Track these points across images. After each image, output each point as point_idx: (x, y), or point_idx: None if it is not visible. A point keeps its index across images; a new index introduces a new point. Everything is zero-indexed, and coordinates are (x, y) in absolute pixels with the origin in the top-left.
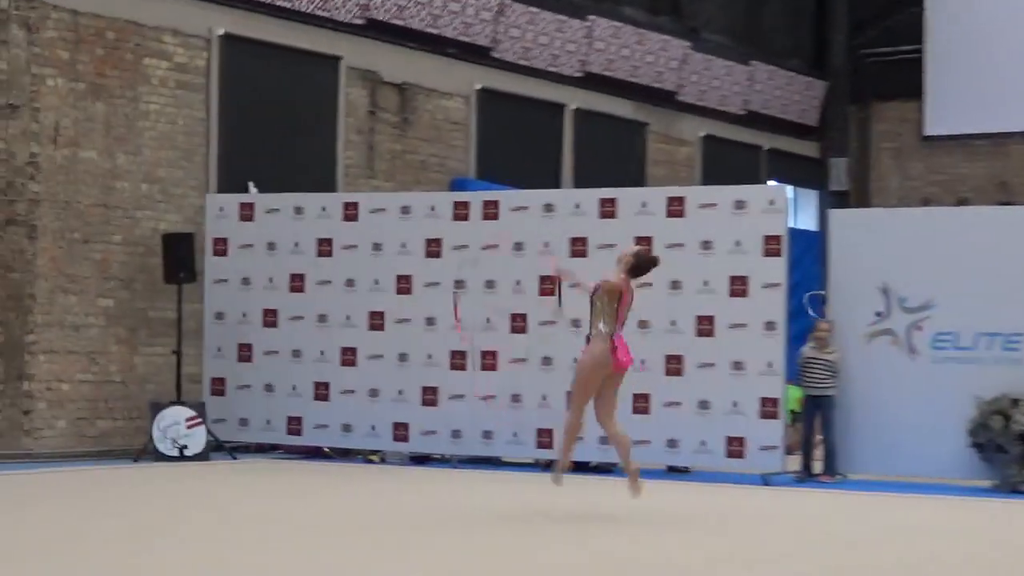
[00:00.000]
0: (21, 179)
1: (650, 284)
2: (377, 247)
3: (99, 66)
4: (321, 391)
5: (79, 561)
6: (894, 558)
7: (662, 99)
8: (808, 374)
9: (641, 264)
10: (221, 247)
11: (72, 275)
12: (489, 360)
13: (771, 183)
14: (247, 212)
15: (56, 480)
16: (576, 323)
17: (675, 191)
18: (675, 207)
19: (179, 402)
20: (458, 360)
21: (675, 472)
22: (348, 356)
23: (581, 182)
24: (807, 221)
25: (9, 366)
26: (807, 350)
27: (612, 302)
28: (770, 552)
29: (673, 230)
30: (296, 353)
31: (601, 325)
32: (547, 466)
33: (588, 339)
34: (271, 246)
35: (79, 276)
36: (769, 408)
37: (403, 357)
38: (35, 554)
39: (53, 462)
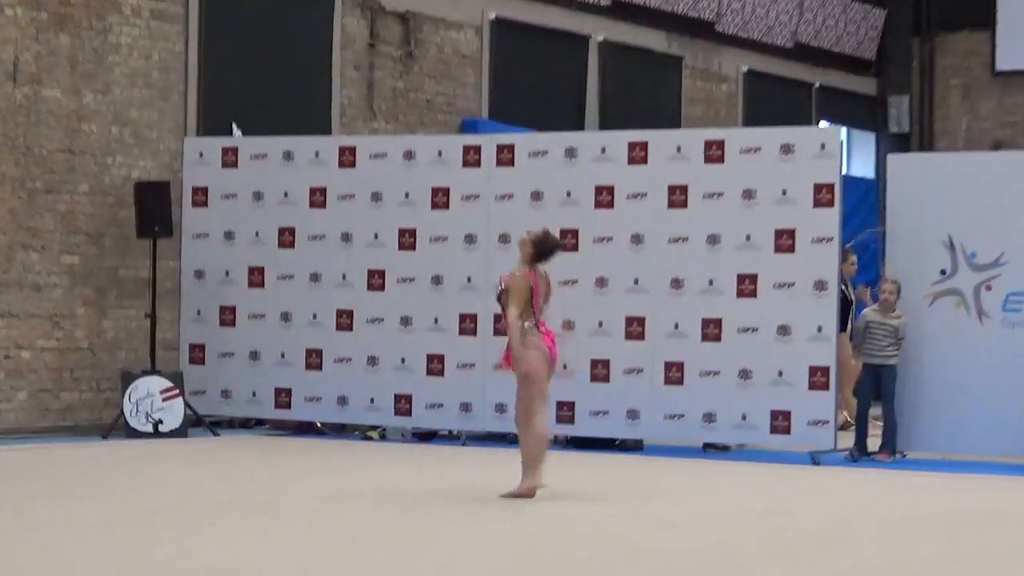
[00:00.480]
0: None
1: (686, 239)
2: (377, 197)
3: None
4: (313, 359)
5: (39, 553)
6: (958, 547)
7: (699, 30)
8: (869, 340)
9: (543, 250)
10: (201, 197)
11: (33, 229)
12: (501, 325)
13: (822, 124)
14: (230, 158)
15: (14, 459)
16: (603, 281)
17: (714, 134)
18: (714, 152)
19: (153, 372)
20: (468, 324)
21: (713, 450)
22: (344, 320)
23: (608, 124)
24: (863, 167)
25: None
26: (869, 313)
27: (522, 301)
28: (818, 540)
29: (711, 178)
30: (285, 316)
31: (527, 324)
32: (569, 443)
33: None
34: (257, 196)
35: (41, 230)
36: (819, 378)
37: (406, 321)
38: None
39: (12, 438)
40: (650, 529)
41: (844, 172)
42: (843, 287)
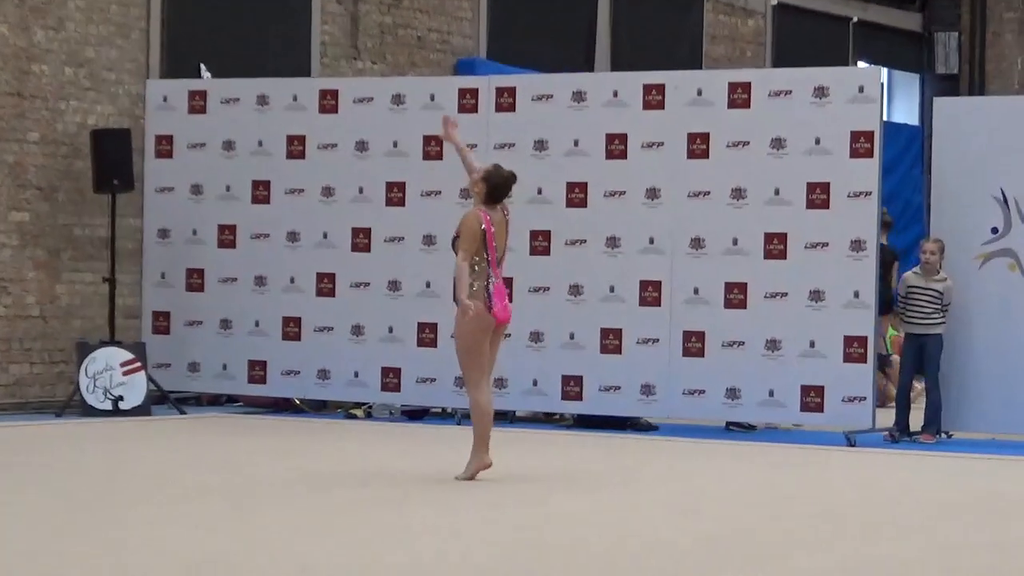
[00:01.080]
0: None
1: (707, 193)
2: (362, 146)
3: None
4: (291, 328)
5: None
6: (1002, 535)
7: None
8: (910, 307)
9: (496, 187)
10: (165, 147)
11: None
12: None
13: (861, 64)
14: (198, 102)
15: None
16: (614, 241)
17: (739, 75)
18: (739, 95)
19: (113, 342)
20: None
21: (738, 429)
22: (325, 284)
23: (620, 64)
24: (907, 113)
25: None
26: (910, 276)
27: (474, 245)
28: (850, 527)
29: (736, 124)
30: (260, 280)
31: (472, 282)
32: (576, 422)
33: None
34: (228, 145)
35: None
36: (856, 349)
37: (394, 285)
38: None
39: None
40: (665, 516)
41: (885, 118)
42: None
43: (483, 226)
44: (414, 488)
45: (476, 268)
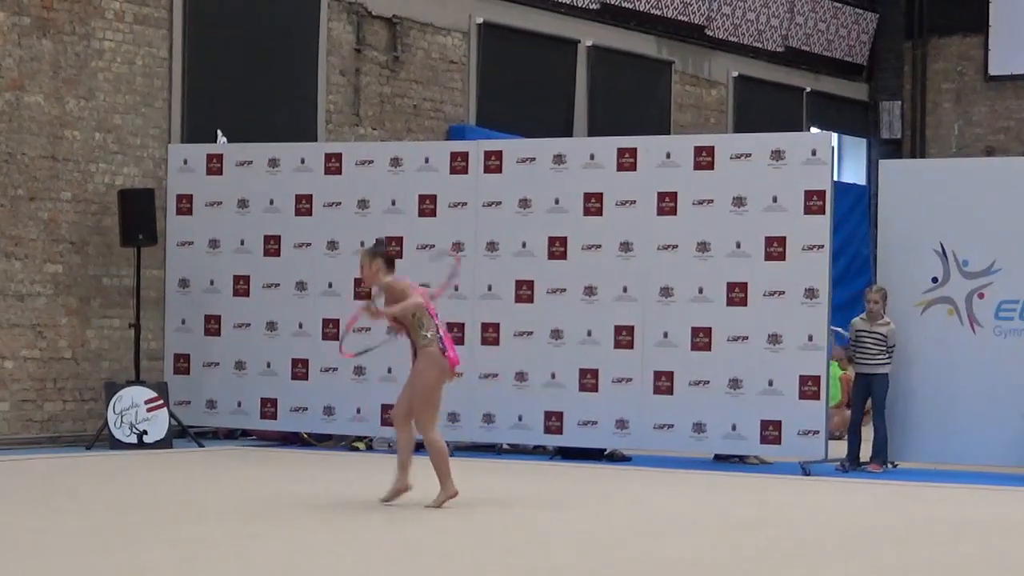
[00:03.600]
0: None
1: (676, 246)
2: (363, 204)
3: None
4: (299, 369)
5: (13, 566)
6: (948, 556)
7: (689, 34)
8: (858, 349)
9: (390, 257)
10: (185, 205)
11: (16, 237)
12: (491, 333)
13: (814, 130)
14: (215, 165)
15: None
16: (591, 290)
17: (704, 139)
18: (704, 158)
19: (138, 382)
20: (456, 333)
21: (728, 461)
22: (330, 329)
23: (596, 130)
24: (854, 174)
25: None
26: (857, 322)
27: (422, 307)
28: (805, 550)
29: (701, 184)
30: (271, 326)
31: (426, 332)
32: (557, 453)
33: (415, 354)
34: (242, 203)
35: (24, 238)
36: (810, 387)
37: (392, 331)
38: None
39: None
40: (633, 538)
41: (835, 178)
42: None
43: (420, 293)
44: (410, 513)
45: (426, 328)
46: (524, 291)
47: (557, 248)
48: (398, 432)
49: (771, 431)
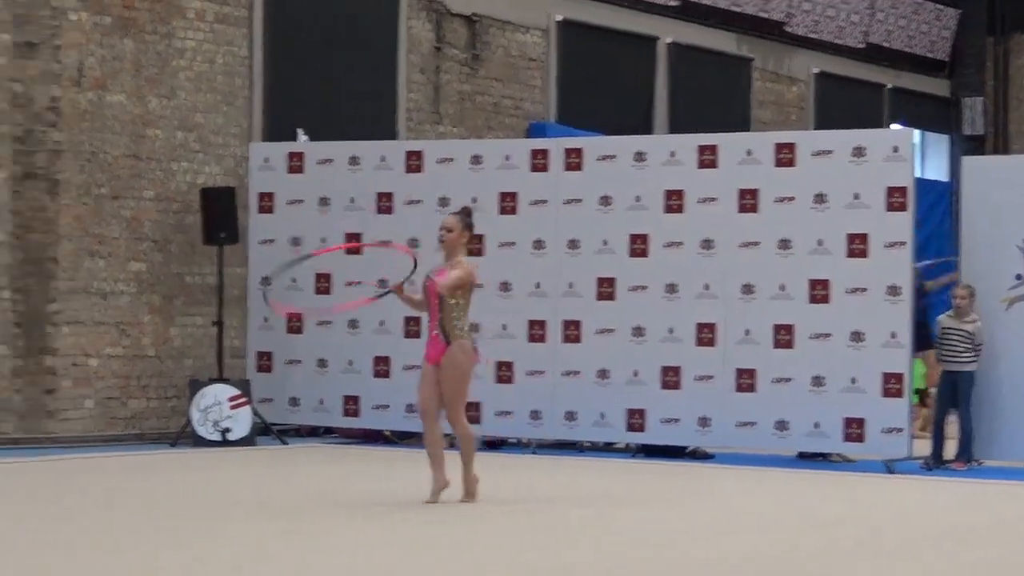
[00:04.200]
0: (41, 127)
1: (757, 243)
2: (444, 202)
3: None
4: (381, 367)
5: (101, 561)
6: None
7: (769, 31)
8: (944, 346)
9: (472, 224)
10: (267, 203)
11: (99, 236)
12: (572, 331)
13: (895, 127)
14: (296, 163)
15: (81, 467)
16: (673, 287)
17: (784, 136)
18: (784, 155)
19: (221, 379)
20: (537, 331)
21: (812, 459)
22: (412, 327)
23: (677, 127)
24: (936, 170)
25: (30, 339)
26: (944, 319)
27: (468, 294)
28: (885, 549)
29: (782, 181)
30: (353, 324)
31: (462, 323)
32: (639, 451)
33: (440, 339)
34: (323, 201)
35: (107, 237)
36: (893, 385)
37: (473, 328)
38: (55, 554)
39: (79, 447)
40: (714, 535)
41: (917, 175)
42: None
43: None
44: (491, 510)
45: (461, 318)
46: (605, 288)
47: (638, 245)
48: (431, 427)
49: (854, 429)
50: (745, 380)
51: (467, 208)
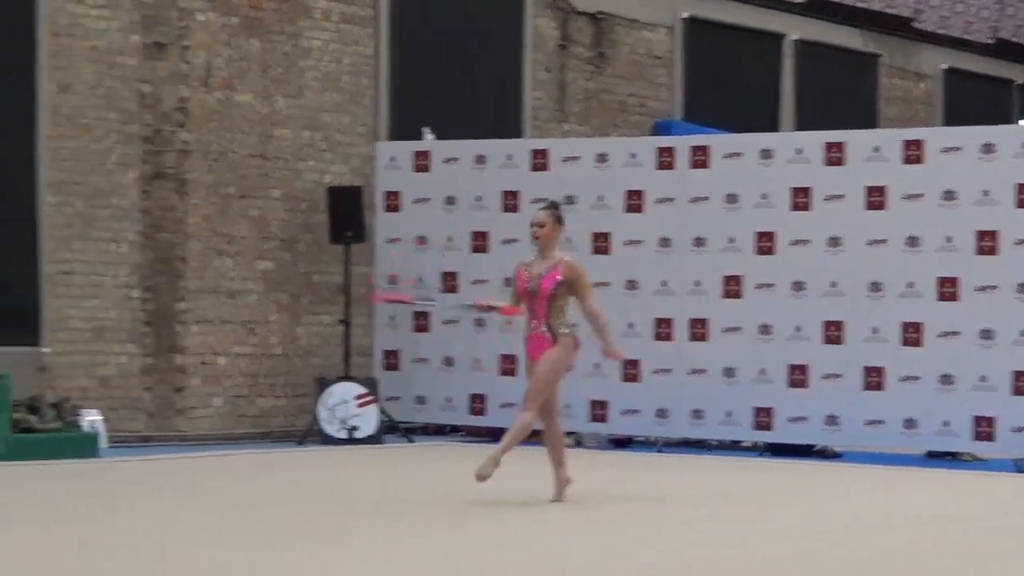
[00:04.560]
0: (169, 127)
1: (885, 241)
2: (569, 200)
3: None
4: (507, 365)
5: (228, 555)
6: None
7: (897, 27)
8: None
9: (562, 218)
10: (393, 202)
11: (227, 235)
12: (699, 329)
13: None
14: (422, 162)
15: (209, 465)
16: (800, 285)
17: (912, 133)
18: (912, 152)
19: (348, 378)
20: (663, 329)
21: (941, 458)
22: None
23: (803, 124)
24: None
25: (160, 337)
26: None
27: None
28: (1010, 548)
29: (910, 178)
30: (479, 322)
31: (567, 321)
32: (766, 450)
33: (548, 338)
34: (450, 200)
35: (235, 236)
36: (1023, 383)
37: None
38: (179, 549)
39: (207, 444)
40: (842, 533)
41: None
42: None
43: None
44: (609, 509)
45: (567, 315)
46: (732, 287)
47: (764, 243)
48: (550, 425)
49: (984, 427)
50: (873, 378)
51: (555, 202)
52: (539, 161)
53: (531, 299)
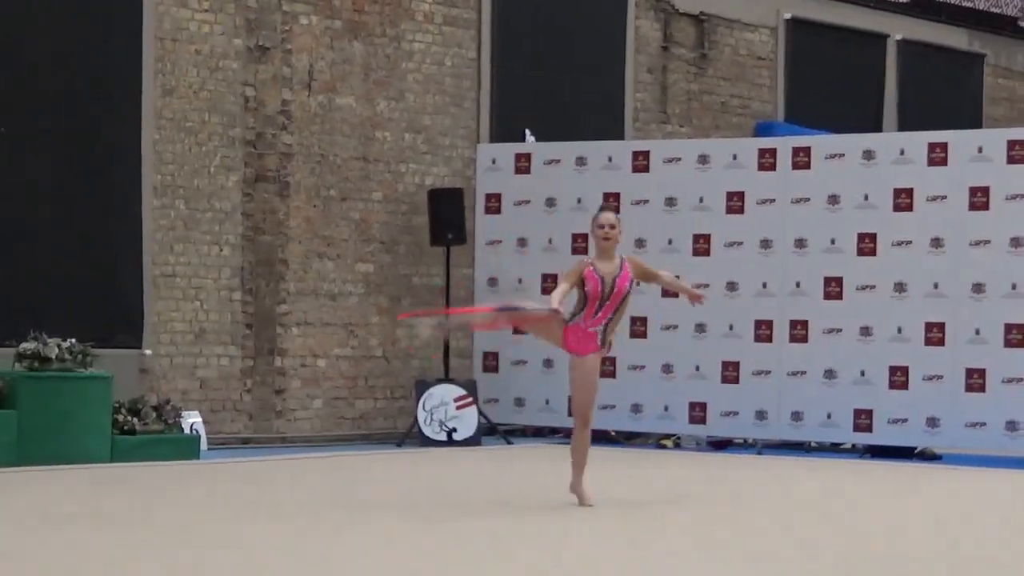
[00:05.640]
0: (272, 130)
1: (988, 242)
2: (671, 202)
3: (357, 1)
4: (607, 367)
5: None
6: None
7: (1002, 26)
8: None
9: None
10: (494, 204)
11: (328, 237)
12: (799, 330)
13: None
14: (523, 164)
15: (310, 466)
16: (901, 287)
17: (1017, 133)
18: (1017, 152)
19: (447, 380)
20: (763, 331)
21: None
22: (637, 327)
23: (906, 124)
24: None
25: (260, 340)
26: None
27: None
28: None
29: (1014, 179)
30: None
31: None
32: (866, 451)
33: (597, 340)
34: (550, 202)
35: (336, 238)
36: None
37: (700, 328)
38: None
39: (308, 446)
40: (933, 535)
41: None
42: None
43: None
44: (708, 509)
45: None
46: (833, 288)
47: (866, 244)
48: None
49: None
50: (975, 380)
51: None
52: (640, 163)
53: (601, 300)
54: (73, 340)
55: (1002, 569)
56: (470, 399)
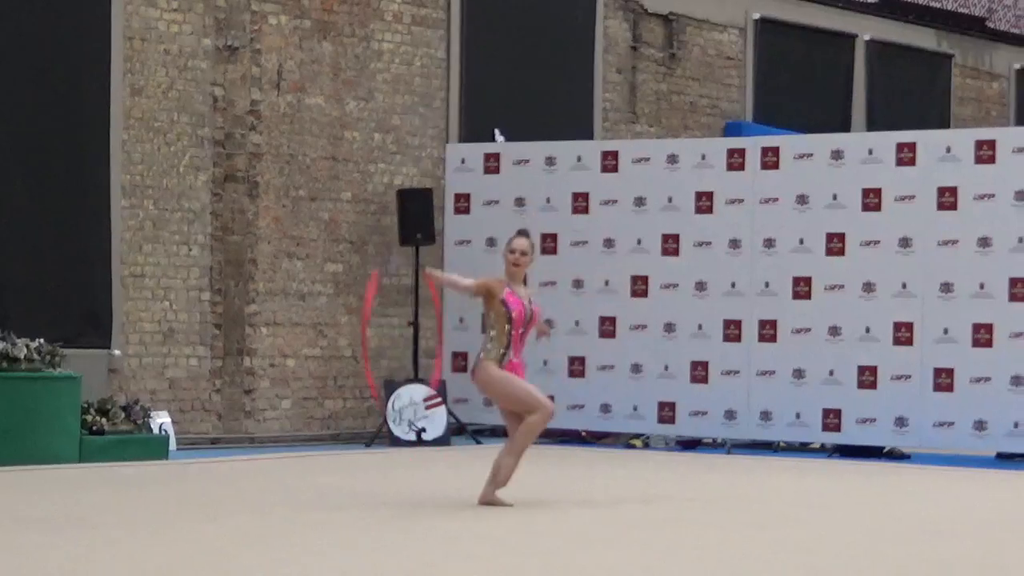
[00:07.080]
0: (240, 130)
1: (956, 242)
2: (640, 202)
3: (327, 1)
4: (576, 367)
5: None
6: None
7: (970, 26)
8: None
9: None
10: (463, 204)
11: (297, 237)
12: (768, 330)
13: None
14: (492, 164)
15: (278, 466)
16: (870, 286)
17: (985, 133)
18: (985, 152)
19: (416, 380)
20: (732, 331)
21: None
22: (607, 327)
23: (875, 124)
24: None
25: (229, 340)
26: None
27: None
28: None
29: (982, 179)
30: (548, 324)
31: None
32: (835, 451)
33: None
34: (519, 202)
35: (305, 238)
36: None
37: (669, 327)
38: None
39: (277, 446)
40: (911, 536)
41: None
42: None
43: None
44: (677, 509)
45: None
46: (801, 288)
47: (835, 244)
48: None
49: None
50: (943, 379)
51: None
52: (609, 163)
53: (524, 324)
54: (41, 340)
55: (974, 567)
56: (439, 399)
